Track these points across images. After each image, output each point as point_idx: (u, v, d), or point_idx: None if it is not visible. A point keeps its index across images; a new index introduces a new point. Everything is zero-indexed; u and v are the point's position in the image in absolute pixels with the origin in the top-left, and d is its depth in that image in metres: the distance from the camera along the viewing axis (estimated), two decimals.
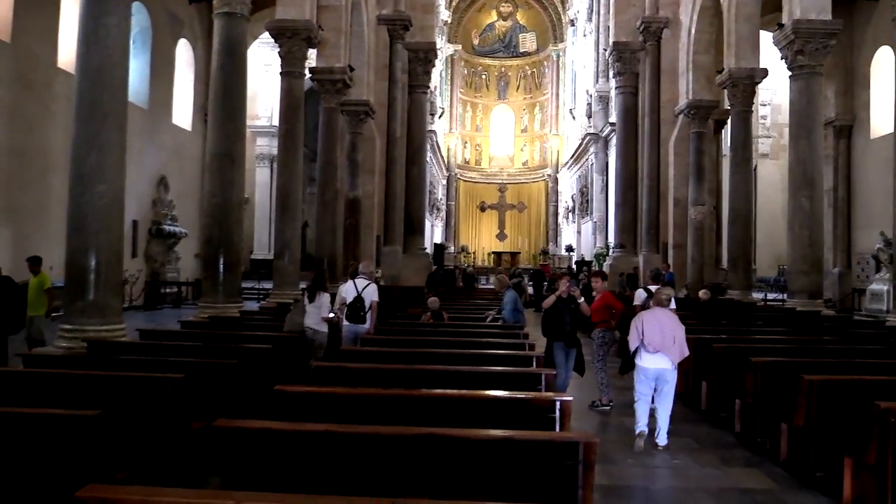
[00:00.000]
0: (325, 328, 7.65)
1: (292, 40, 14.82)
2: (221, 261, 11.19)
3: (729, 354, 6.81)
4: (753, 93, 17.98)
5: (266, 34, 21.42)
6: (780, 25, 14.81)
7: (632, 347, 6.26)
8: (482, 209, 41.80)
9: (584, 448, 3.16)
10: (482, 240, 41.17)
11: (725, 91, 21.43)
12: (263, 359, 5.77)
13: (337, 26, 17.39)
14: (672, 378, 6.19)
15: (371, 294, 7.99)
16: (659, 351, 6.09)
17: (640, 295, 9.57)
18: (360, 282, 8.00)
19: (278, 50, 15.13)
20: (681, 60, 21.56)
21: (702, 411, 7.32)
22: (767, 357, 6.19)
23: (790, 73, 14.79)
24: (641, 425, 6.10)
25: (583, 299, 7.66)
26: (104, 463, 3.43)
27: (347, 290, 8.09)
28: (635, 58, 22.61)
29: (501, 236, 41.52)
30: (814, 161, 14.54)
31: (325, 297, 7.81)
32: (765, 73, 17.79)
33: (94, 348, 6.26)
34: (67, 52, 16.55)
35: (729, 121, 23.19)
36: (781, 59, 15.10)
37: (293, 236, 14.87)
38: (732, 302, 15.89)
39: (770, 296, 22.21)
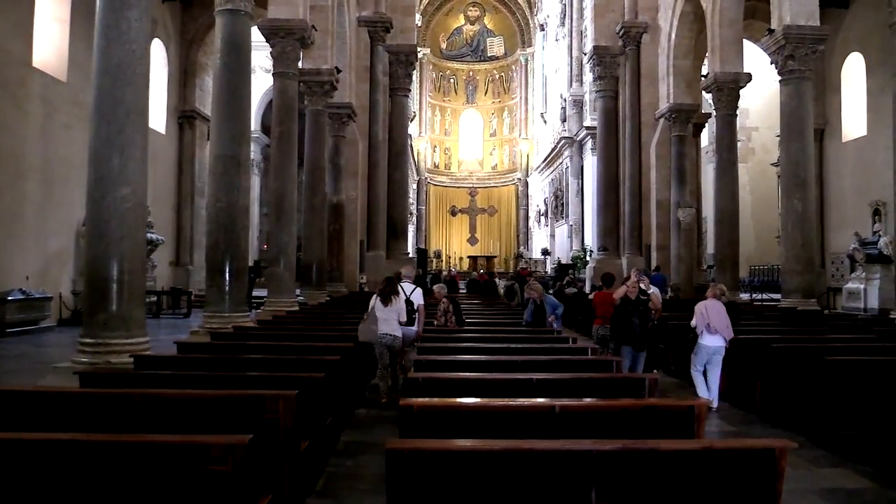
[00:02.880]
0: (400, 332, 7.52)
1: (286, 40, 14.38)
2: (228, 268, 10.71)
3: (788, 354, 6.79)
4: (738, 97, 18.31)
5: None
6: (770, 31, 15.09)
7: (699, 329, 7.55)
8: (453, 213, 41.60)
9: (779, 455, 3.00)
10: (453, 244, 40.97)
11: (705, 95, 21.94)
12: (337, 370, 5.45)
13: (324, 27, 16.98)
14: (723, 352, 7.53)
15: (418, 297, 7.92)
16: (717, 333, 7.42)
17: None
18: (407, 286, 7.95)
19: (270, 50, 14.66)
20: (661, 65, 21.88)
21: (756, 410, 7.28)
22: (838, 356, 6.17)
23: (780, 78, 15.07)
24: (704, 391, 7.39)
25: (654, 289, 7.69)
26: (250, 491, 3.11)
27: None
28: (615, 62, 22.82)
29: (473, 240, 41.42)
30: (805, 163, 14.86)
31: (402, 302, 7.63)
32: (749, 77, 18.14)
33: (142, 363, 5.80)
34: (42, 51, 15.75)
35: (708, 124, 23.79)
36: (771, 63, 15.39)
37: (289, 242, 14.39)
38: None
39: (749, 296, 22.61)
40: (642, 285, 7.58)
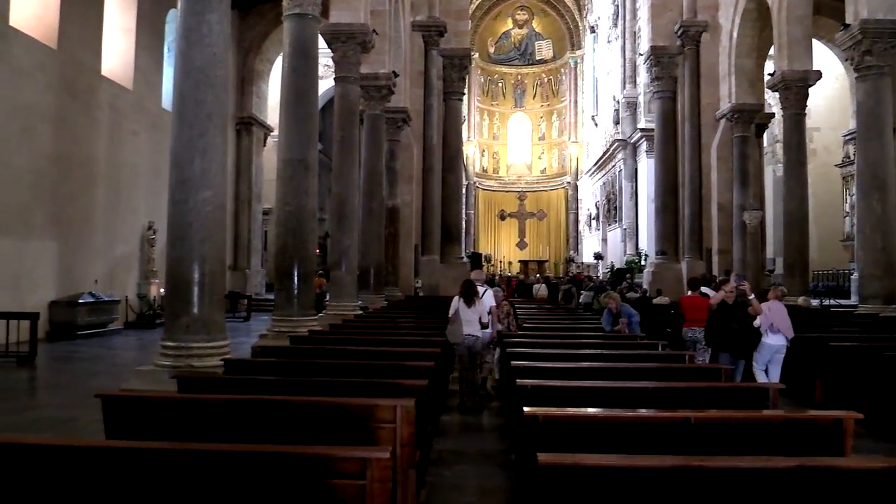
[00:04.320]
0: (481, 333, 7.46)
1: (347, 44, 14.35)
2: (296, 271, 10.69)
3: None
4: (806, 95, 17.59)
5: None
6: (846, 26, 14.47)
7: (763, 329, 7.68)
8: (502, 217, 41.35)
9: None
10: (502, 248, 40.70)
11: (768, 94, 21.26)
12: (434, 377, 5.29)
13: (381, 31, 16.96)
14: (784, 350, 7.74)
15: (490, 299, 7.82)
16: (780, 332, 7.62)
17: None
18: (478, 289, 7.81)
19: (332, 55, 14.67)
20: (721, 64, 21.27)
21: (862, 422, 6.82)
22: None
23: (857, 75, 14.44)
24: None
25: (752, 296, 7.39)
26: None
27: None
28: (673, 62, 22.27)
29: (522, 245, 41.10)
30: (884, 163, 14.14)
31: (483, 304, 7.55)
32: (818, 75, 17.43)
33: (232, 367, 5.73)
34: (110, 60, 16.11)
35: (769, 125, 23.05)
36: (846, 60, 14.77)
37: (351, 246, 14.35)
38: (800, 309, 15.42)
39: (819, 302, 21.72)
40: (742, 292, 7.24)
